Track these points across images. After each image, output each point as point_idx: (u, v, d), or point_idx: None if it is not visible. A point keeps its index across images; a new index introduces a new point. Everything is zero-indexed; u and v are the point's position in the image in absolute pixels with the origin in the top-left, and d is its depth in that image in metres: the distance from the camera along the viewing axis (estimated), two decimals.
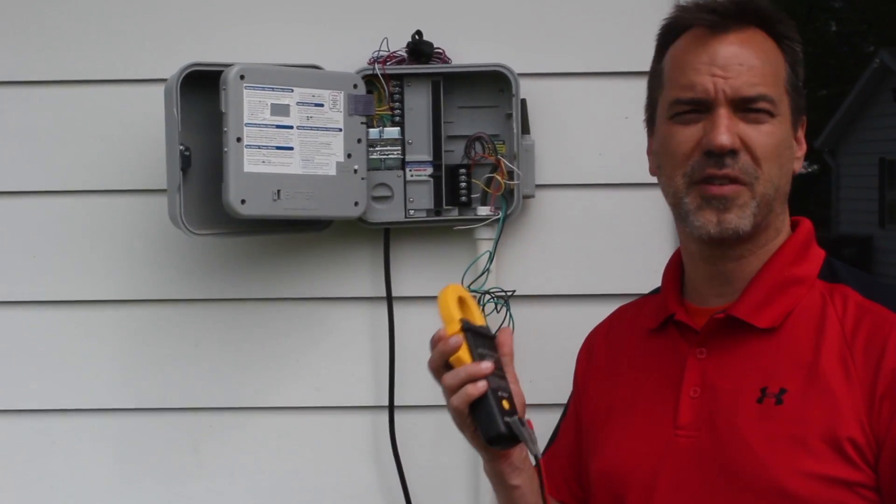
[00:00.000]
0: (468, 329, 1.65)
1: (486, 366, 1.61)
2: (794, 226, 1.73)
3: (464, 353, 1.63)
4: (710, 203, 1.61)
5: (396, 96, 2.18)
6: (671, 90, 1.66)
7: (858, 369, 1.56)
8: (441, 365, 1.64)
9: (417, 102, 2.19)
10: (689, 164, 1.63)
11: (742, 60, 1.61)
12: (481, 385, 1.59)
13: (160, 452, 2.29)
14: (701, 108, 1.62)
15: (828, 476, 1.54)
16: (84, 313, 2.28)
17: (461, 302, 1.69)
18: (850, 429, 1.54)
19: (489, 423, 1.60)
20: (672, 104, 1.66)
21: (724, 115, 1.60)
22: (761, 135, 1.61)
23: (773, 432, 1.58)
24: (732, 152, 1.59)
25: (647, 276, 1.95)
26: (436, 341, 1.65)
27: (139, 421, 2.29)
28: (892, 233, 15.75)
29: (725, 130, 1.59)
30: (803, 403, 1.57)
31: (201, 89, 2.07)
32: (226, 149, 2.02)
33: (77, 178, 2.26)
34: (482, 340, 1.67)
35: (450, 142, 2.20)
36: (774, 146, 1.61)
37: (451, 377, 1.62)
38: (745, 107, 1.61)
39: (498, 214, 2.17)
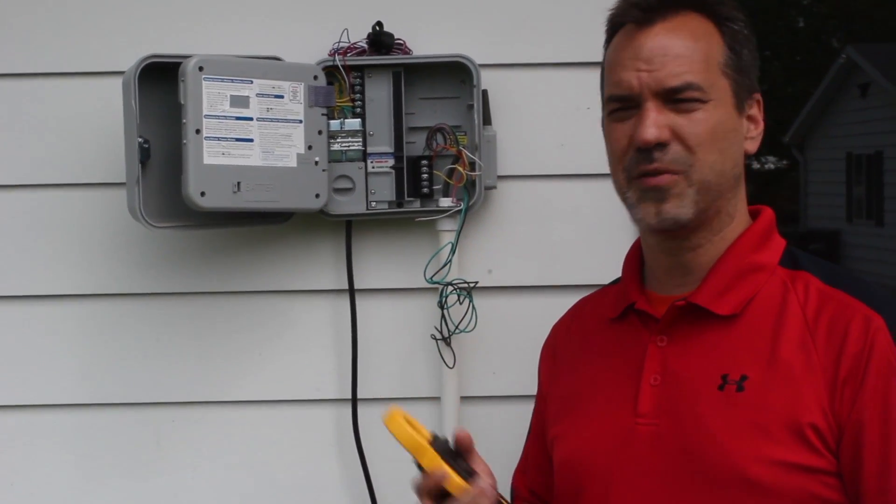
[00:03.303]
0: (441, 452, 1.62)
1: (486, 484, 1.62)
2: (755, 215, 1.73)
3: (455, 479, 1.61)
4: (648, 195, 1.62)
5: (357, 87, 2.17)
6: (606, 89, 1.68)
7: (820, 355, 1.57)
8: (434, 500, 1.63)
9: (378, 94, 2.18)
10: (626, 160, 1.64)
11: (666, 51, 1.60)
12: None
13: (122, 447, 2.27)
14: (631, 104, 1.63)
15: (790, 462, 1.54)
16: (43, 308, 2.26)
17: (409, 423, 1.65)
18: (811, 414, 1.54)
19: None
20: (606, 102, 1.68)
21: (650, 109, 1.60)
22: (693, 123, 1.60)
23: (734, 419, 1.57)
24: (661, 145, 1.59)
25: (609, 267, 1.94)
26: (424, 487, 1.64)
27: (100, 416, 2.27)
28: (859, 227, 15.88)
29: (651, 125, 1.59)
30: (764, 390, 1.57)
31: (160, 81, 2.06)
32: (185, 141, 2.01)
33: (35, 172, 2.24)
34: (450, 453, 1.64)
35: (411, 133, 2.20)
36: (708, 132, 1.60)
37: None
38: (672, 97, 1.60)
39: (460, 206, 2.17)
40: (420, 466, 1.63)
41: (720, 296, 1.65)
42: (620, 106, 1.64)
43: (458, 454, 1.65)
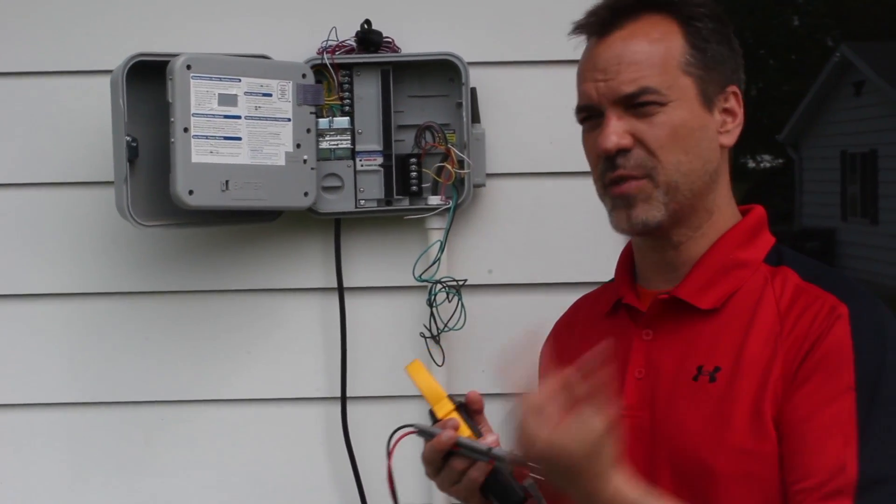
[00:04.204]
0: (457, 406, 1.66)
1: (493, 439, 1.63)
2: (747, 213, 1.75)
3: (466, 430, 1.64)
4: (618, 202, 1.65)
5: (346, 86, 2.17)
6: (577, 100, 1.71)
7: (786, 346, 1.58)
8: (441, 456, 1.64)
9: (367, 92, 2.18)
10: (598, 169, 1.67)
11: (620, 59, 1.62)
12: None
13: (111, 446, 2.27)
14: (594, 113, 1.65)
15: (752, 451, 1.56)
16: (32, 307, 2.26)
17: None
18: (771, 402, 1.56)
19: (508, 493, 1.62)
20: (576, 114, 1.71)
21: (609, 117, 1.62)
22: (653, 127, 1.62)
23: (704, 410, 1.60)
24: (623, 151, 1.62)
25: (598, 265, 1.95)
26: (435, 444, 1.64)
27: (89, 415, 2.27)
28: (854, 226, 15.90)
29: (610, 133, 1.61)
30: (734, 381, 1.59)
31: (148, 80, 2.06)
32: (173, 139, 2.01)
33: (23, 171, 2.24)
34: (464, 410, 1.67)
35: (400, 131, 2.20)
36: (669, 134, 1.62)
37: (460, 461, 1.63)
38: (630, 103, 1.62)
39: (448, 204, 2.17)
40: (433, 417, 1.66)
41: (702, 290, 1.67)
42: (587, 115, 1.68)
43: (470, 415, 1.68)
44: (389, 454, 1.69)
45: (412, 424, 1.67)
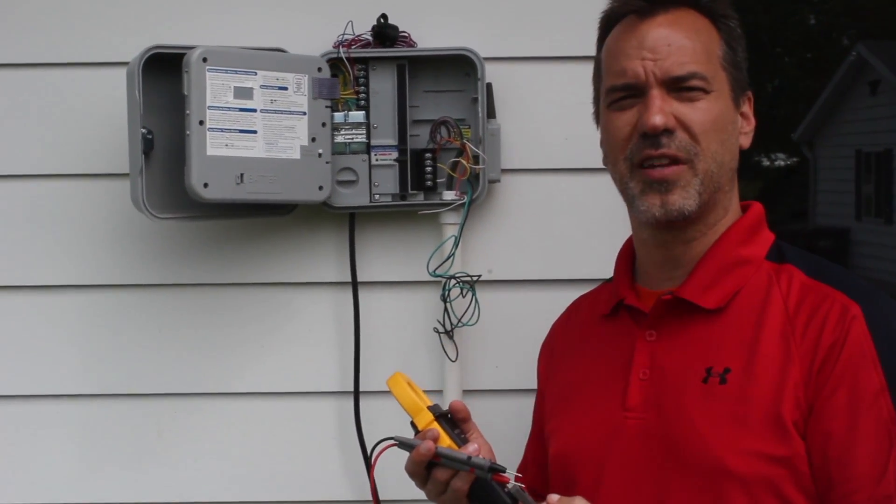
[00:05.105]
0: (437, 416, 1.67)
1: (473, 448, 1.64)
2: (745, 210, 1.74)
3: (446, 439, 1.66)
4: (653, 187, 1.63)
5: (361, 80, 2.17)
6: (607, 79, 1.69)
7: (799, 346, 1.58)
8: (424, 467, 1.65)
9: (382, 86, 2.18)
10: (628, 148, 1.65)
11: (670, 41, 1.63)
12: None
13: (124, 438, 2.28)
14: (635, 92, 1.64)
15: (767, 453, 1.56)
16: (46, 298, 2.26)
17: (411, 388, 1.72)
18: (789, 405, 1.56)
19: (495, 500, 1.62)
20: (608, 92, 1.69)
21: (656, 95, 1.61)
22: (697, 112, 1.62)
23: (716, 411, 1.59)
24: (668, 132, 1.61)
25: (612, 261, 1.94)
26: (415, 456, 1.66)
27: (102, 407, 2.28)
28: (868, 225, 15.83)
29: (658, 111, 1.60)
30: (746, 382, 1.59)
31: (164, 72, 2.06)
32: (188, 132, 2.01)
33: (38, 162, 2.24)
34: (446, 420, 1.69)
35: (415, 126, 2.20)
36: (712, 122, 1.62)
37: (443, 472, 1.64)
38: (677, 86, 1.62)
39: (463, 199, 2.16)
40: (415, 428, 1.68)
41: (706, 289, 1.66)
42: (624, 95, 1.65)
43: (454, 424, 1.70)
44: (371, 468, 1.70)
45: (393, 437, 1.68)
